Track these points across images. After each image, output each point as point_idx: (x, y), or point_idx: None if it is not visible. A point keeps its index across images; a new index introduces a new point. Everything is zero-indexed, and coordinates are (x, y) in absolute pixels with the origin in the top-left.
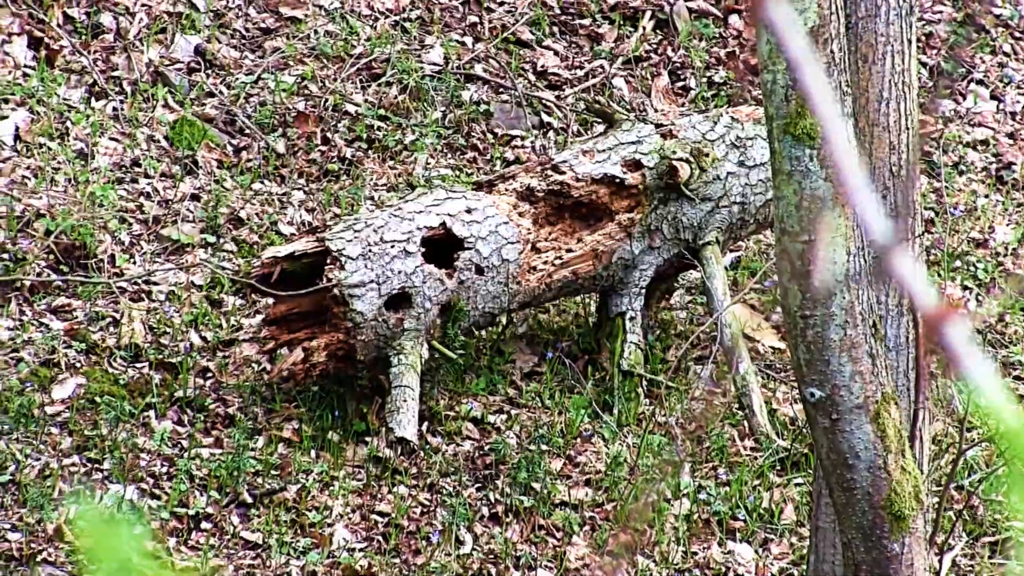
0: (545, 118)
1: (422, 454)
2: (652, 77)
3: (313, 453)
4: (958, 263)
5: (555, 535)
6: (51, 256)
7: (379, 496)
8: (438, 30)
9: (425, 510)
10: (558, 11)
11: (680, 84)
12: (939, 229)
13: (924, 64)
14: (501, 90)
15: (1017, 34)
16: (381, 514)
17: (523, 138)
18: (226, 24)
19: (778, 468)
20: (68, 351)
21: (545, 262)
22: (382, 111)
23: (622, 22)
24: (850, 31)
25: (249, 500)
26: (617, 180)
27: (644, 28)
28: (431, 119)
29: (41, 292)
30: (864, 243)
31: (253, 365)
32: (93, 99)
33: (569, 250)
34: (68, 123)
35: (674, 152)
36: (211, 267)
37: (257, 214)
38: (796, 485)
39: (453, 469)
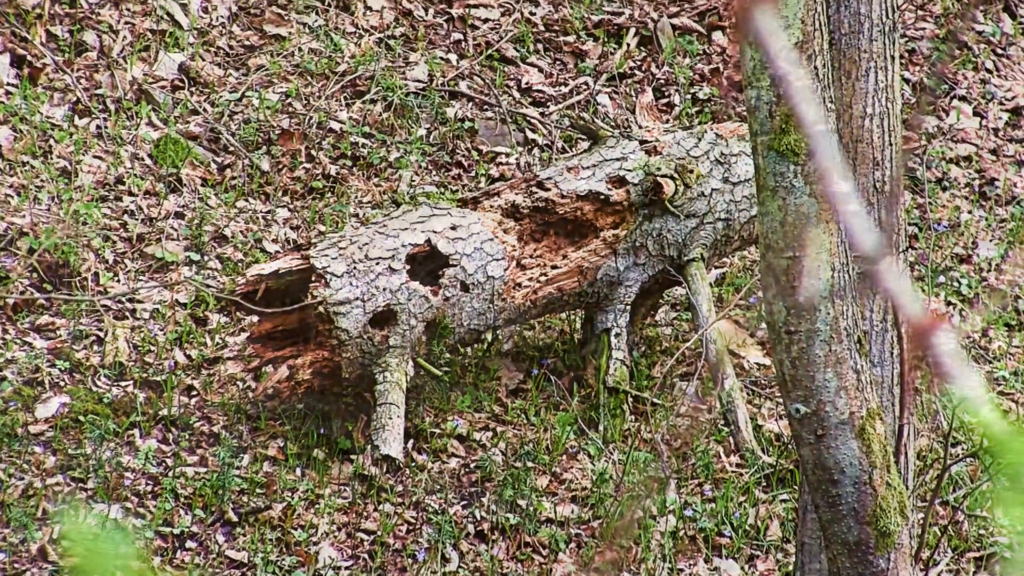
0: (530, 135)
1: (408, 472)
2: (636, 94)
3: (298, 471)
4: (942, 278)
5: (541, 552)
6: (34, 274)
7: (365, 514)
8: (422, 47)
9: (411, 528)
10: (542, 28)
11: (664, 101)
12: (923, 245)
13: (907, 80)
14: (486, 107)
15: (999, 51)
16: (367, 532)
17: (508, 155)
18: (210, 42)
19: (764, 484)
20: (52, 370)
21: (530, 279)
22: (367, 128)
23: (606, 39)
24: (833, 48)
25: (234, 518)
26: (602, 197)
27: (628, 45)
28: (416, 136)
29: (24, 310)
30: (849, 259)
31: (238, 383)
32: (76, 117)
33: (554, 267)
34: (51, 141)
35: (659, 169)
36: (196, 285)
37: (242, 232)
38: (782, 501)
39: (439, 486)
